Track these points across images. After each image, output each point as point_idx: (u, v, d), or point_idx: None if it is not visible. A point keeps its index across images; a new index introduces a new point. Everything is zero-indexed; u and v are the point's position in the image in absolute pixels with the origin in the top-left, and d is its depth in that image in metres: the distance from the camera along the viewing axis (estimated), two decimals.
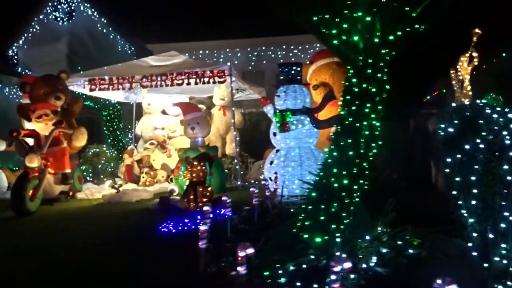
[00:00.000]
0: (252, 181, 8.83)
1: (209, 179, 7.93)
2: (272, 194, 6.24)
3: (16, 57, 17.64)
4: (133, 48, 17.36)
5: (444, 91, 8.03)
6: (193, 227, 5.44)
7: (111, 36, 17.28)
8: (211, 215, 5.62)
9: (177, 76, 9.11)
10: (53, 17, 17.33)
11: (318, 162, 7.04)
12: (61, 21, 17.31)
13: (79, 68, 12.96)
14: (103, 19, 17.20)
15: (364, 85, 4.37)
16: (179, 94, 11.04)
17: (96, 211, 7.28)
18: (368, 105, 4.35)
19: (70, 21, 17.31)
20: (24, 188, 7.22)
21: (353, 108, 4.36)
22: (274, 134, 7.23)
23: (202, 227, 4.00)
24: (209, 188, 5.87)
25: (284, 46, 12.82)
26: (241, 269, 3.44)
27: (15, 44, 17.61)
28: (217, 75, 8.89)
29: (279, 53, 12.88)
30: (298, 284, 3.44)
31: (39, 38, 17.40)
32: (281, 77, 7.30)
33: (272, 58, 12.73)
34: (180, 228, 5.41)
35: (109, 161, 11.66)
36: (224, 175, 8.27)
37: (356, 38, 4.45)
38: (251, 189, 5.77)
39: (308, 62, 12.04)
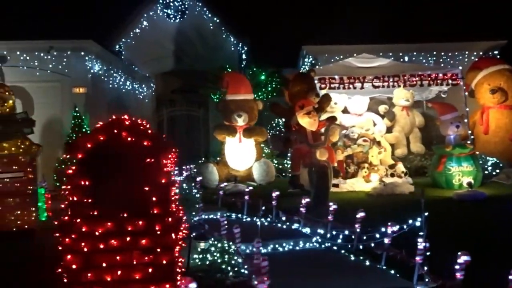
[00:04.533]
0: None
1: (475, 173, 8.61)
2: None
3: (123, 52, 17.57)
4: (245, 48, 17.68)
5: None
6: None
7: (223, 36, 17.54)
8: None
9: (410, 77, 9.72)
10: (165, 14, 17.39)
11: None
12: (173, 18, 17.40)
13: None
14: (215, 19, 17.42)
15: None
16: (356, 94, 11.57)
17: (402, 202, 7.69)
18: None
19: (182, 19, 17.43)
20: (329, 184, 7.70)
21: None
22: None
23: None
24: None
25: (422, 53, 13.42)
26: None
27: (123, 40, 17.53)
28: (451, 78, 9.57)
29: (422, 59, 13.44)
30: None
31: (147, 35, 17.41)
32: None
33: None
34: None
35: None
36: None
37: None
38: None
39: (463, 69, 12.80)
